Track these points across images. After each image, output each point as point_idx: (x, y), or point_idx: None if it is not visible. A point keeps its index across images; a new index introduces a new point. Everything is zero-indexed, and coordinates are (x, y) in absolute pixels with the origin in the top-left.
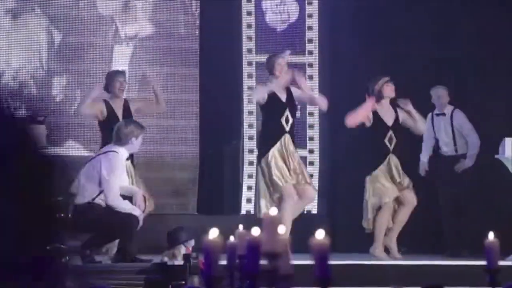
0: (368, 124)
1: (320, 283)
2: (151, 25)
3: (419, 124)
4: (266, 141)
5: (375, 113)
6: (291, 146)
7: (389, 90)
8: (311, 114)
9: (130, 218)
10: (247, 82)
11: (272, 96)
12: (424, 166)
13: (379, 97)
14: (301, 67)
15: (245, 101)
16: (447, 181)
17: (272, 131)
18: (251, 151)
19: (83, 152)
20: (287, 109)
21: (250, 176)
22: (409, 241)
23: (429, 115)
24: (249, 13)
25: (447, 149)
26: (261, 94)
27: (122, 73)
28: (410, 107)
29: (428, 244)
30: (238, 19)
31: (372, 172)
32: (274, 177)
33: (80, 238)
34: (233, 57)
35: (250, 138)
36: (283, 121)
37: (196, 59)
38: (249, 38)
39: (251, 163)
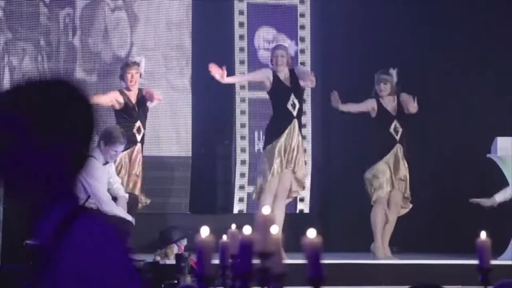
0: (373, 114)
1: (313, 282)
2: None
3: None
4: (274, 128)
5: (379, 104)
6: (296, 133)
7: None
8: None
9: (126, 223)
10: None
11: (277, 82)
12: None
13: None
14: None
15: (238, 100)
16: None
17: (279, 118)
18: (243, 150)
19: None
20: (292, 94)
21: (242, 175)
22: (404, 240)
23: None
24: (241, 50)
25: None
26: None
27: (135, 64)
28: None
29: (422, 242)
30: (231, 56)
31: (377, 162)
32: (268, 170)
33: None
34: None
35: (243, 137)
36: (289, 106)
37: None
38: (242, 74)
39: (243, 162)
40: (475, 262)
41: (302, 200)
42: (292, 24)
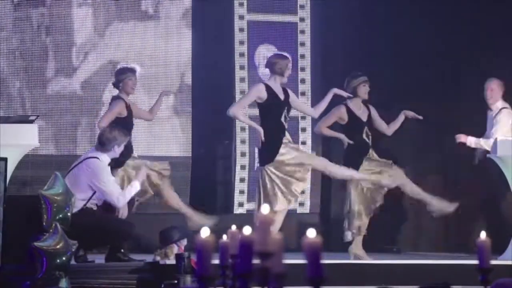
0: (342, 122)
1: (313, 282)
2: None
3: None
4: (270, 144)
5: (349, 110)
6: (291, 145)
7: (363, 91)
8: (303, 118)
9: (127, 225)
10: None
11: (272, 95)
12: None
13: (352, 94)
14: (294, 120)
15: (237, 92)
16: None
17: (274, 132)
18: (243, 154)
19: (77, 152)
20: (286, 108)
21: (242, 180)
22: (405, 240)
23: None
24: (242, 67)
25: None
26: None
27: (134, 71)
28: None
29: (422, 242)
30: (232, 74)
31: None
32: (277, 191)
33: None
34: (225, 54)
35: (243, 141)
36: (282, 120)
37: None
38: (242, 92)
39: (243, 167)
40: (475, 262)
41: (301, 200)
42: (292, 41)
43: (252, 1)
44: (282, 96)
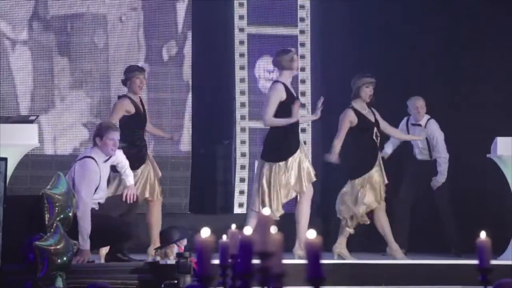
0: (352, 125)
1: (313, 282)
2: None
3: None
4: (285, 143)
5: (357, 112)
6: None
7: (365, 93)
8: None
9: (127, 226)
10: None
11: (289, 93)
12: (386, 155)
13: (355, 94)
14: None
15: (238, 104)
16: (423, 185)
17: (294, 132)
18: (243, 155)
19: (77, 152)
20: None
21: (242, 180)
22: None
23: (404, 120)
24: (242, 80)
25: (421, 156)
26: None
27: (143, 70)
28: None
29: (423, 243)
30: (232, 87)
31: (369, 171)
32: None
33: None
34: (226, 66)
35: (243, 142)
36: (298, 117)
37: (189, 63)
38: (243, 104)
39: (243, 167)
40: (475, 262)
41: None
42: None
43: (252, 14)
44: (295, 93)
